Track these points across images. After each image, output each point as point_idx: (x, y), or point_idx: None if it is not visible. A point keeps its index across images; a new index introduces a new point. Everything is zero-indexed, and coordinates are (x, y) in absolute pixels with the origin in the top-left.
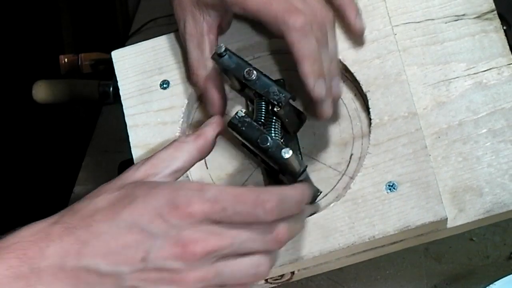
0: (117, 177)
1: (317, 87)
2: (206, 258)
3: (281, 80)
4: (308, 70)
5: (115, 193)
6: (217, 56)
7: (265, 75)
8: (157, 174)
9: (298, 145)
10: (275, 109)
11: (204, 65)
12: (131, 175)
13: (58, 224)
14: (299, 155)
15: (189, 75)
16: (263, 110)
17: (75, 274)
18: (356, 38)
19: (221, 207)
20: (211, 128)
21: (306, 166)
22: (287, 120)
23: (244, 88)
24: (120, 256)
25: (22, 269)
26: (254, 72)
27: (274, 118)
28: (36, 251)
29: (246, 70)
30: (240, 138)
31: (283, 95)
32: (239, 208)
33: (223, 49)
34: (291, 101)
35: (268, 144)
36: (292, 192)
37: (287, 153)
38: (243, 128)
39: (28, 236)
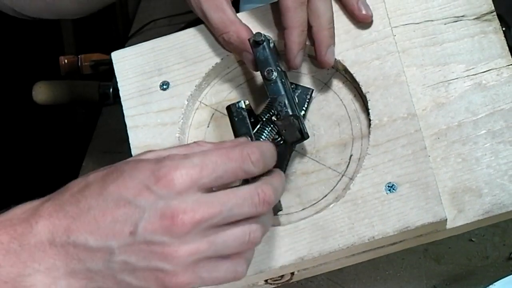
0: None
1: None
2: (196, 229)
3: (311, 90)
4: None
5: (105, 171)
6: (253, 43)
7: (284, 82)
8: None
9: (288, 156)
10: (273, 117)
11: (231, 22)
12: (131, 158)
13: (49, 202)
14: (285, 166)
15: (221, 42)
16: (268, 111)
17: (65, 250)
18: (360, 23)
19: (210, 170)
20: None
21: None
22: (284, 131)
23: None
24: (109, 231)
25: (12, 245)
26: (274, 74)
27: (272, 124)
28: (26, 227)
29: (267, 69)
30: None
31: (286, 110)
32: (227, 166)
33: (261, 37)
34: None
35: None
36: (267, 144)
37: None
38: (236, 119)
39: (19, 213)
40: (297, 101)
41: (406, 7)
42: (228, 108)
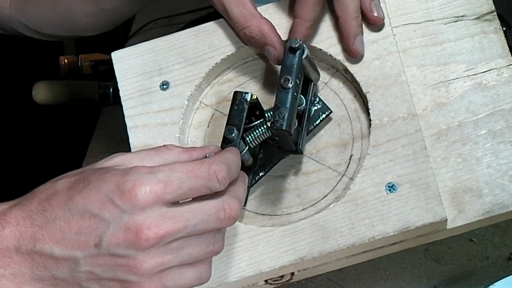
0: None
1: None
2: (161, 243)
3: (329, 111)
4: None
5: (73, 178)
6: (288, 49)
7: (295, 96)
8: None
9: (276, 160)
10: (268, 123)
11: (252, 16)
12: (101, 163)
13: (17, 207)
14: (269, 167)
15: (242, 37)
16: (269, 114)
17: (31, 258)
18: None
19: (175, 186)
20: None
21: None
22: (277, 139)
23: None
24: (73, 242)
25: None
26: (290, 84)
27: (266, 128)
28: None
29: (286, 77)
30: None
31: (281, 123)
32: (193, 183)
33: (297, 43)
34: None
35: (229, 137)
36: (233, 156)
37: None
38: (235, 107)
39: None
40: (311, 115)
41: (406, 7)
42: (235, 93)
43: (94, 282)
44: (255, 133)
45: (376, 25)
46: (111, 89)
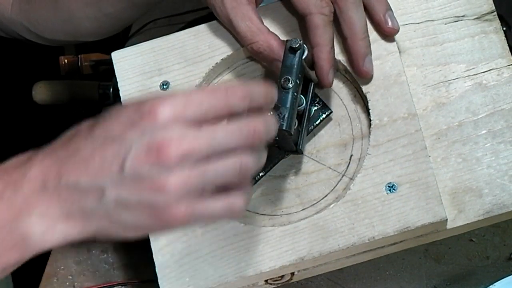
0: None
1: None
2: (185, 160)
3: (329, 111)
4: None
5: (94, 119)
6: (289, 48)
7: (295, 97)
8: None
9: (276, 160)
10: None
11: (259, 31)
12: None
13: (43, 150)
14: (270, 167)
15: (249, 52)
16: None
17: (58, 193)
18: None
19: (195, 104)
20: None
21: None
22: (277, 139)
23: None
24: (98, 170)
25: (7, 192)
26: (290, 84)
27: None
28: (19, 174)
29: (286, 77)
30: None
31: (282, 123)
32: (213, 102)
33: (297, 44)
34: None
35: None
36: (257, 85)
37: None
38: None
39: (13, 162)
40: (312, 115)
41: (407, 7)
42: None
43: (123, 210)
44: None
45: (390, 36)
46: (111, 89)
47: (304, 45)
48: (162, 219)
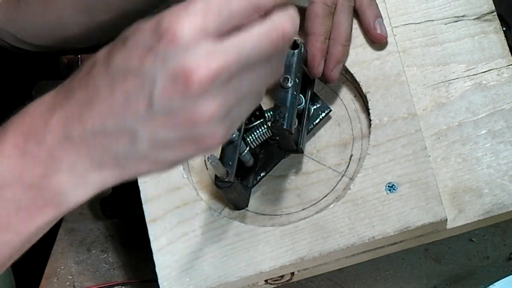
0: None
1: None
2: (216, 82)
3: (329, 109)
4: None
5: (112, 42)
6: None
7: (295, 95)
8: None
9: (276, 160)
10: (268, 123)
11: None
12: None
13: (62, 90)
14: (271, 167)
15: None
16: (269, 114)
17: (84, 141)
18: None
19: (215, 13)
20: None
21: (232, 182)
22: (278, 138)
23: None
24: (123, 110)
25: (29, 146)
26: (289, 84)
27: (266, 128)
28: (41, 125)
29: (285, 76)
30: None
31: (282, 122)
32: (234, 4)
33: (295, 42)
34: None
35: (230, 137)
36: None
37: (212, 159)
38: None
39: (31, 110)
40: (311, 114)
41: (407, 7)
42: None
43: (161, 149)
44: (255, 133)
45: (379, 43)
46: None
47: (302, 44)
48: (205, 147)
